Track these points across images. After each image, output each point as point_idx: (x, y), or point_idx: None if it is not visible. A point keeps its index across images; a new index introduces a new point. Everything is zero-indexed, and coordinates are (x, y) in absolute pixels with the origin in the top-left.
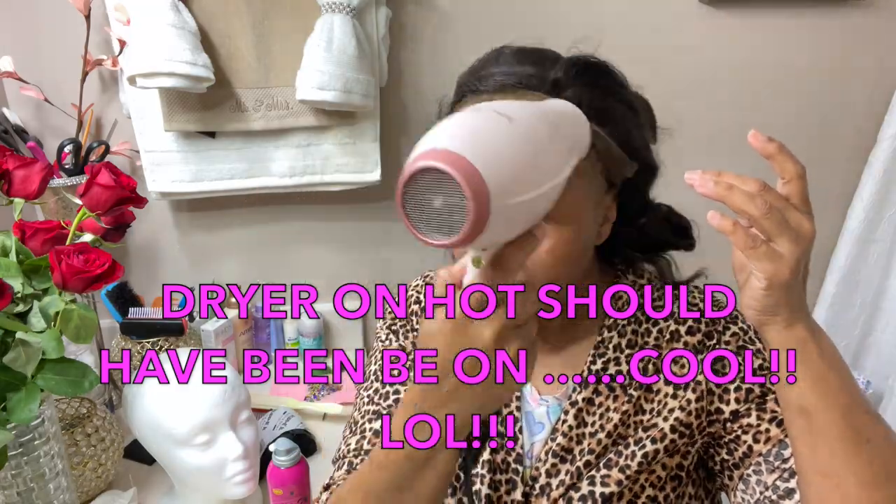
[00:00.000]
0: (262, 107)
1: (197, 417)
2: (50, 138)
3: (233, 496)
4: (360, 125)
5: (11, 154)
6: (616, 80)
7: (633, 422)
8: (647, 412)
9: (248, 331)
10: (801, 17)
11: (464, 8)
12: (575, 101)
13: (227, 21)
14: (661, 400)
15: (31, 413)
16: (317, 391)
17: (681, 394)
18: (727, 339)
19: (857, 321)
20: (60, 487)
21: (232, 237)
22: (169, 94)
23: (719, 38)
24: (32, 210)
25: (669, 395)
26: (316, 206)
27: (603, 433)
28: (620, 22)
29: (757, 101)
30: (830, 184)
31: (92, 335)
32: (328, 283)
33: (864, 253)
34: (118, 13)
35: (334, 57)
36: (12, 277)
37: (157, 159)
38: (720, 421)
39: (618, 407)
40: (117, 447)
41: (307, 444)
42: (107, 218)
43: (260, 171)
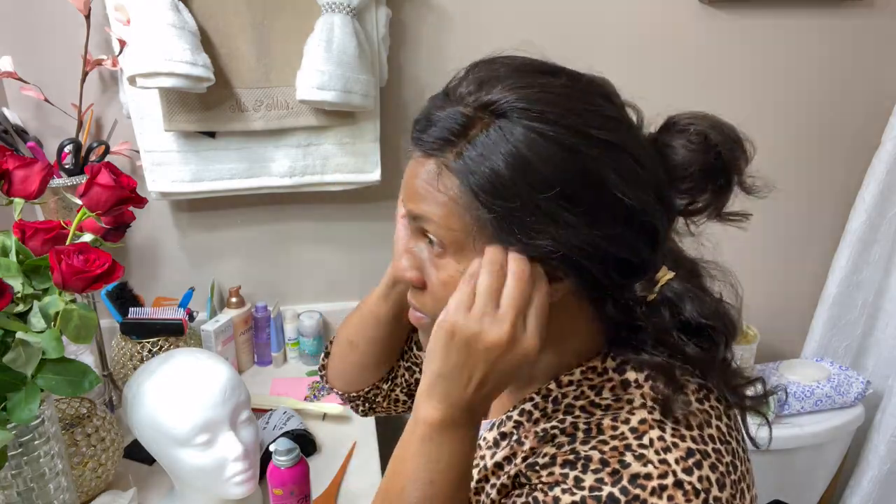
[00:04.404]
0: (262, 107)
1: (197, 417)
2: (50, 138)
3: (233, 496)
4: (360, 125)
5: (11, 154)
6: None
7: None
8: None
9: (248, 331)
10: (802, 17)
11: (464, 8)
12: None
13: (227, 21)
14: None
15: (31, 413)
16: (317, 391)
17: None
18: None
19: (859, 321)
20: (60, 487)
21: (232, 237)
22: (169, 94)
23: (719, 38)
24: (32, 210)
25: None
26: (316, 206)
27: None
28: (620, 22)
29: (758, 101)
30: (832, 184)
31: (92, 335)
32: (328, 283)
33: (865, 253)
34: (118, 13)
35: (334, 57)
36: (12, 277)
37: (157, 159)
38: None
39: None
40: (117, 447)
41: (307, 444)
42: (107, 218)
43: (260, 171)
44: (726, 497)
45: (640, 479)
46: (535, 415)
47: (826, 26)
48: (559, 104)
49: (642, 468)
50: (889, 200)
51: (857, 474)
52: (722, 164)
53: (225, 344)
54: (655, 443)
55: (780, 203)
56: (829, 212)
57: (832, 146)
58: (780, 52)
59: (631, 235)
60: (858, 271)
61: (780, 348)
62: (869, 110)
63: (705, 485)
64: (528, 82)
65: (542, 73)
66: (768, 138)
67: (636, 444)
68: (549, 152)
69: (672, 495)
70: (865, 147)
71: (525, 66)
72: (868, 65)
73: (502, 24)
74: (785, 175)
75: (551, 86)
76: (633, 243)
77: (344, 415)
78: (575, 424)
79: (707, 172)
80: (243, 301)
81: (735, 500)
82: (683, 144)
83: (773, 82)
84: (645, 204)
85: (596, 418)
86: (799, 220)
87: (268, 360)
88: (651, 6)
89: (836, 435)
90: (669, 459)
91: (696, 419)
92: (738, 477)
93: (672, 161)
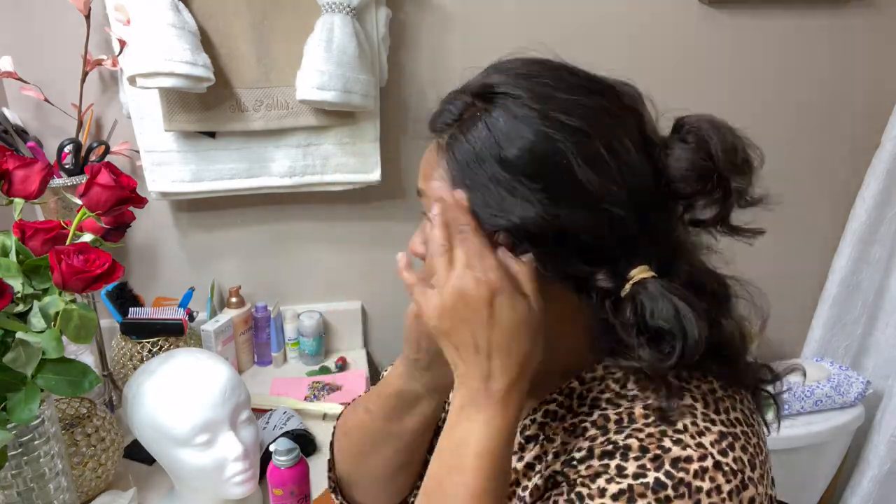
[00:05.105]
0: (262, 107)
1: (197, 417)
2: (50, 138)
3: (233, 496)
4: (360, 125)
5: (11, 154)
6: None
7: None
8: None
9: (248, 331)
10: (802, 17)
11: (464, 8)
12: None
13: (227, 21)
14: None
15: (31, 413)
16: (317, 391)
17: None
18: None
19: (859, 321)
20: (60, 487)
21: (232, 237)
22: (169, 94)
23: (719, 38)
24: (32, 210)
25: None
26: (316, 206)
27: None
28: (620, 22)
29: (758, 101)
30: (832, 184)
31: (92, 335)
32: (328, 282)
33: (865, 253)
34: (118, 13)
35: (334, 57)
36: (12, 277)
37: (157, 159)
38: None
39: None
40: (117, 447)
41: (307, 444)
42: (107, 218)
43: (260, 171)
44: (757, 476)
45: (681, 463)
46: (561, 412)
47: (826, 26)
48: (541, 92)
49: (682, 452)
50: (889, 200)
51: (857, 474)
52: (715, 168)
53: (225, 344)
54: (689, 427)
55: (780, 203)
56: (829, 212)
57: (832, 146)
58: (780, 52)
59: (591, 220)
60: (858, 271)
61: (780, 348)
62: (869, 110)
63: (740, 465)
64: (526, 73)
65: (550, 69)
66: (768, 138)
67: (671, 430)
68: (518, 133)
69: (713, 477)
70: (865, 147)
71: (536, 61)
72: (868, 65)
73: (502, 24)
74: (785, 175)
75: (543, 77)
76: (592, 228)
77: None
78: (605, 416)
79: (701, 175)
80: (243, 301)
81: (764, 479)
82: (680, 145)
83: (773, 82)
84: (608, 191)
85: (625, 408)
86: (799, 220)
87: (268, 360)
88: (651, 6)
89: (836, 435)
90: (705, 443)
91: (724, 404)
92: (764, 458)
93: (668, 162)
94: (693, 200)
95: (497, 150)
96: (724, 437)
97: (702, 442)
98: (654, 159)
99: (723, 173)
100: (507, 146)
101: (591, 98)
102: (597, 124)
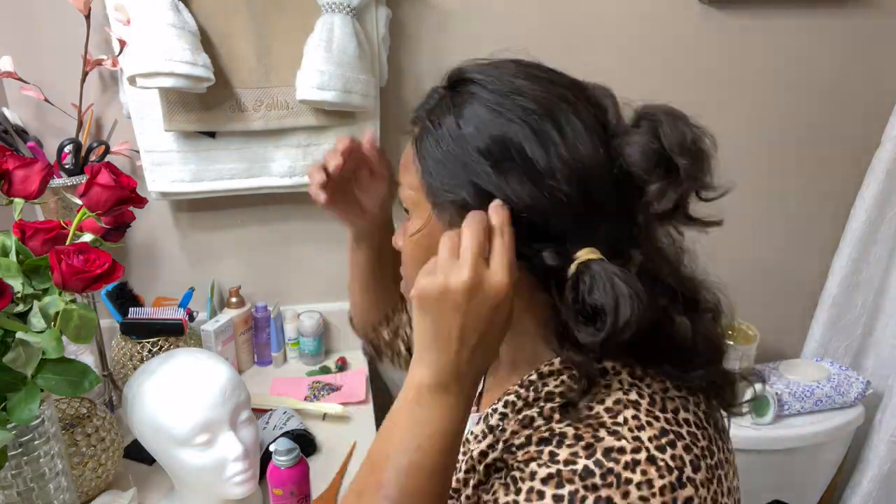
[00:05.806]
0: (262, 107)
1: (197, 417)
2: (50, 138)
3: (233, 496)
4: (360, 125)
5: (11, 154)
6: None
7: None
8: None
9: (248, 331)
10: (802, 17)
11: (464, 8)
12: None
13: (227, 21)
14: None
15: (31, 413)
16: (317, 391)
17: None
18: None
19: (858, 321)
20: (60, 487)
21: (232, 237)
22: (169, 94)
23: (719, 38)
24: (32, 210)
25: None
26: (316, 206)
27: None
28: (620, 22)
29: (758, 101)
30: (832, 184)
31: (92, 335)
32: (328, 282)
33: (865, 253)
34: (118, 13)
35: (334, 57)
36: (12, 277)
37: (157, 159)
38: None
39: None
40: (117, 447)
41: (307, 444)
42: (107, 218)
43: (260, 171)
44: (700, 479)
45: (613, 453)
46: (519, 404)
47: (826, 26)
48: (505, 79)
49: (616, 442)
50: (889, 200)
51: (857, 474)
52: (664, 151)
53: (225, 344)
54: (630, 421)
55: (780, 203)
56: (829, 212)
57: (832, 146)
58: (780, 51)
59: (536, 196)
60: (858, 271)
61: (780, 348)
62: (869, 110)
63: (678, 463)
64: (496, 64)
65: (521, 64)
66: (768, 138)
67: (610, 422)
68: (474, 112)
69: (645, 470)
70: (865, 147)
71: (511, 59)
72: (868, 65)
73: (502, 24)
74: (785, 175)
75: (508, 68)
76: (538, 205)
77: (344, 415)
78: (553, 408)
79: (649, 158)
80: (243, 301)
81: (711, 484)
82: (634, 131)
83: (773, 82)
84: (553, 167)
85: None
86: (798, 220)
87: (268, 360)
88: (651, 6)
89: (836, 435)
90: (643, 437)
91: (672, 404)
92: (714, 462)
93: (624, 149)
94: (646, 185)
95: (456, 130)
96: (665, 433)
97: (639, 436)
98: (612, 147)
99: (672, 157)
100: (464, 125)
101: (551, 86)
102: (550, 106)
